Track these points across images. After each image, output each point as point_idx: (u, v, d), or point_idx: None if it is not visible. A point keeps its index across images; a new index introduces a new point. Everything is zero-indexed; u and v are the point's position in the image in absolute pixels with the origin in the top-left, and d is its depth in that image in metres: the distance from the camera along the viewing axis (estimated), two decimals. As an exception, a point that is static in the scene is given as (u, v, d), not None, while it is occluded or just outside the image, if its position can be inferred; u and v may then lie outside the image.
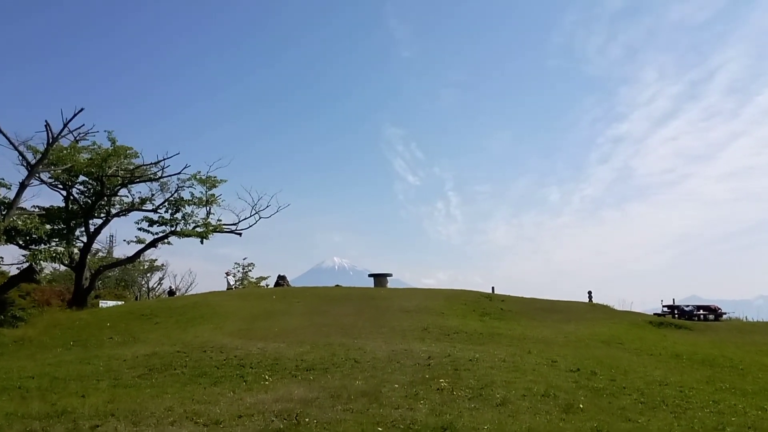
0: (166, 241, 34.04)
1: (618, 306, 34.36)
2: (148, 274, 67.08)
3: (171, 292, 51.06)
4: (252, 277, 58.77)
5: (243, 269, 58.93)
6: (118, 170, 30.66)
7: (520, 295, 34.33)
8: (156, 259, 64.45)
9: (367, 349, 12.99)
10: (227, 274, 43.46)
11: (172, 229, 33.17)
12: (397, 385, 9.29)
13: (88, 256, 34.54)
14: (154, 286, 67.04)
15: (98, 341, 17.80)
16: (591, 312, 29.28)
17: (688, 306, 34.95)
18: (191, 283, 64.42)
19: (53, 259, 24.47)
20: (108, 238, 61.60)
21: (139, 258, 37.06)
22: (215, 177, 33.92)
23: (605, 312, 30.03)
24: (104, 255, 58.69)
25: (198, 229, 33.38)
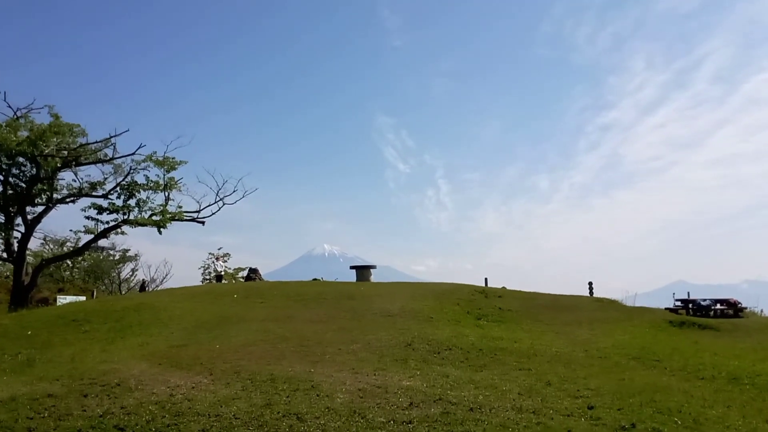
0: (119, 231, 30.01)
1: (621, 297, 31.00)
2: (120, 265, 63.04)
3: (143, 287, 45.56)
4: (229, 268, 54.86)
5: (218, 259, 54.91)
6: (58, 150, 26.49)
7: (516, 288, 30.74)
8: (129, 249, 60.38)
9: (324, 387, 9.12)
10: (216, 258, 38.94)
11: (125, 217, 29.12)
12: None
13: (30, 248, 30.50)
14: (127, 277, 62.98)
15: (-5, 360, 13.93)
16: (600, 309, 25.69)
17: (705, 300, 31.59)
18: (166, 275, 60.22)
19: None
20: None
21: (87, 250, 32.96)
22: (173, 158, 29.83)
23: (615, 309, 26.47)
24: (73, 245, 54.53)
25: (154, 217, 29.34)
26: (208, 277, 54.04)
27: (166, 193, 30.15)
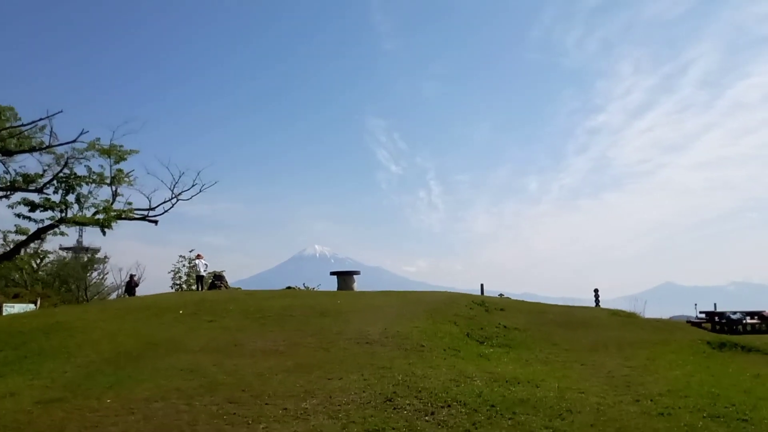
0: (58, 231, 25.61)
1: (630, 307, 27.23)
2: (89, 268, 58.73)
3: (130, 287, 35.94)
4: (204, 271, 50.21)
5: (199, 257, 49.88)
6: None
7: (512, 292, 26.72)
8: (98, 250, 55.96)
9: None
10: (198, 257, 34.17)
11: (62, 215, 24.72)
12: None
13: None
14: (94, 281, 58.45)
15: None
16: (622, 327, 21.77)
17: (735, 313, 27.78)
18: (139, 278, 55.49)
19: None
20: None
21: (19, 253, 28.49)
22: (121, 146, 25.44)
23: (638, 326, 22.58)
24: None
25: (98, 216, 24.96)
26: (178, 282, 49.40)
27: (114, 188, 25.78)
